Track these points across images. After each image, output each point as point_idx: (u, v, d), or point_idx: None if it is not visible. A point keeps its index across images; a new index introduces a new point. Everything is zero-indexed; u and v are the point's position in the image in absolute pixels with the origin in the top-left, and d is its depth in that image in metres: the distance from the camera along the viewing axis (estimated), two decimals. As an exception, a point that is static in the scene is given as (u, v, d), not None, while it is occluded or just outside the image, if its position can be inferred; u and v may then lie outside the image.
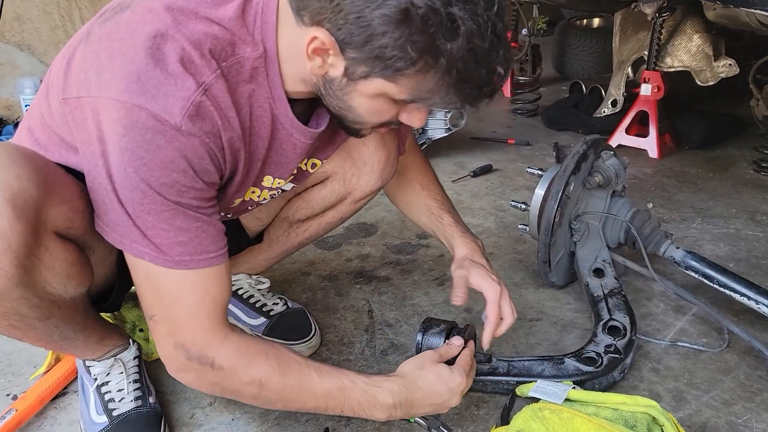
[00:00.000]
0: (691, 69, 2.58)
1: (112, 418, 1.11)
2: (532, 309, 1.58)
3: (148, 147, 0.84)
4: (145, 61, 0.84)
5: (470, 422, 1.20)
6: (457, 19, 0.78)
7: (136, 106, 0.83)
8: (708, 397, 1.24)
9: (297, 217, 1.40)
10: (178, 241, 0.90)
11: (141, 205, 0.87)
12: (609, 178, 1.52)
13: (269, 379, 0.99)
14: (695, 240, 1.90)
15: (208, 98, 0.87)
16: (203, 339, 0.96)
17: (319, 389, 1.01)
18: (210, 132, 0.88)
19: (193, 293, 0.94)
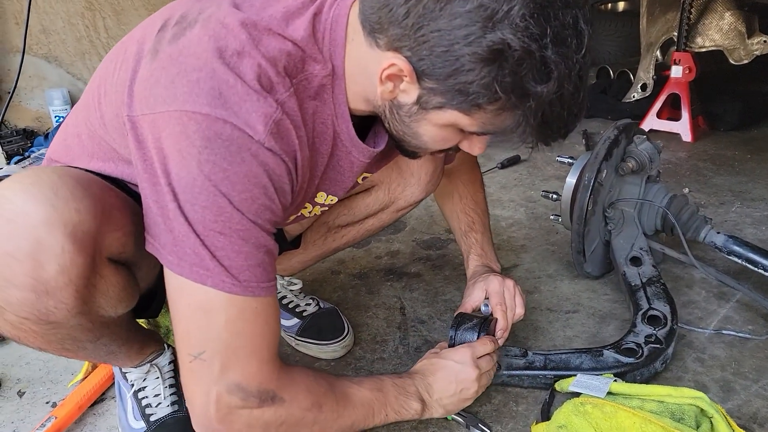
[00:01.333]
0: (724, 48, 2.50)
1: (149, 424, 1.12)
2: (568, 301, 1.54)
3: (232, 159, 0.80)
4: (225, 77, 0.81)
5: (509, 419, 1.17)
6: (550, 63, 0.76)
7: (220, 119, 0.80)
8: (757, 386, 1.20)
9: (337, 223, 1.39)
10: (248, 265, 0.84)
11: (215, 223, 0.81)
12: (643, 163, 1.47)
13: (325, 399, 0.96)
14: (735, 224, 1.83)
15: (287, 116, 0.85)
16: (263, 372, 0.88)
17: (362, 394, 1.01)
18: (288, 151, 0.86)
19: (256, 324, 0.86)
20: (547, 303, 1.54)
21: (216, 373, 0.85)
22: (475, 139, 0.95)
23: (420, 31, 0.78)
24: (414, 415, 1.08)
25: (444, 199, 1.44)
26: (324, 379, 1.00)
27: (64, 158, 1.02)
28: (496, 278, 1.25)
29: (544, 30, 0.75)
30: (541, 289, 1.60)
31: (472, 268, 1.34)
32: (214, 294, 0.83)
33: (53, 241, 0.78)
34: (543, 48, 0.75)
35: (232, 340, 0.85)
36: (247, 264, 0.84)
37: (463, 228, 1.39)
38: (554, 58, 0.76)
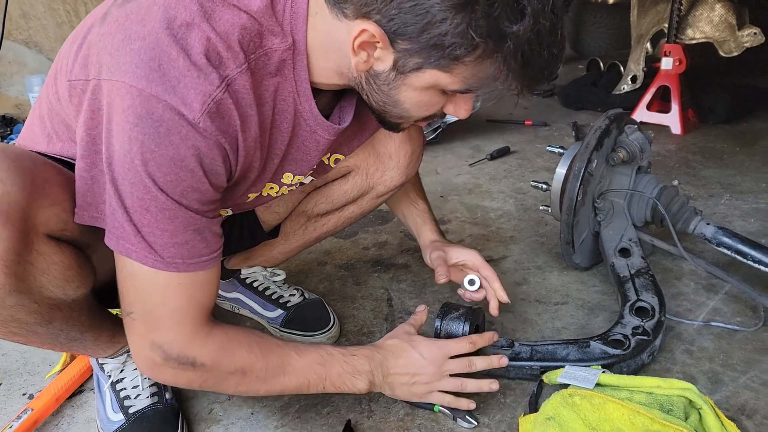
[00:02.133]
0: (714, 40, 2.49)
1: (128, 416, 1.09)
2: (557, 292, 1.52)
3: (160, 141, 0.79)
4: (168, 49, 0.79)
5: (497, 410, 1.15)
6: (522, 0, 0.74)
7: (153, 96, 0.78)
8: (745, 378, 1.19)
9: (316, 212, 1.36)
10: (173, 243, 0.85)
11: (141, 201, 0.82)
12: (633, 153, 1.46)
13: (252, 366, 0.98)
14: (724, 216, 1.83)
15: (230, 95, 0.82)
16: (184, 341, 0.92)
17: (300, 366, 1.01)
18: (227, 132, 0.84)
19: (179, 297, 0.89)
20: (535, 294, 1.52)
21: (142, 332, 0.91)
22: (459, 99, 0.93)
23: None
24: (356, 392, 1.07)
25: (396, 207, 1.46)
26: (259, 346, 0.99)
27: (28, 143, 1.00)
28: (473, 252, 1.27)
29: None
30: (530, 280, 1.59)
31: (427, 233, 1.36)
32: (139, 266, 0.86)
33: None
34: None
35: (156, 309, 0.89)
36: (173, 242, 0.85)
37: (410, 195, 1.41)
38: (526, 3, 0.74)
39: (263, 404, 1.21)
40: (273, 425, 1.16)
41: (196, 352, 0.93)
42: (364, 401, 1.20)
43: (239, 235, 1.36)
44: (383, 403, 1.19)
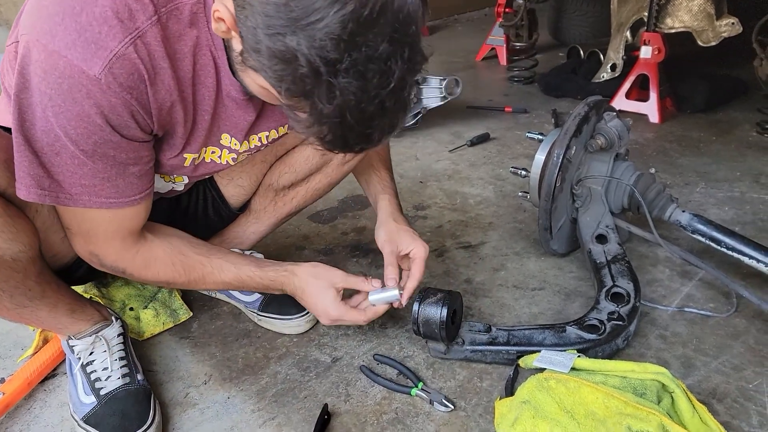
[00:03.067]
0: (693, 29, 2.51)
1: (100, 398, 1.08)
2: (534, 278, 1.53)
3: (65, 97, 0.82)
4: (72, 4, 0.80)
5: (473, 394, 1.16)
6: (335, 90, 0.73)
7: (55, 51, 0.80)
8: (717, 362, 1.21)
9: (281, 183, 1.34)
10: (81, 184, 0.90)
11: (51, 147, 0.86)
12: (612, 140, 1.46)
13: (175, 280, 1.12)
14: (699, 204, 1.85)
15: (136, 49, 0.82)
16: (116, 255, 1.03)
17: (220, 281, 1.15)
18: (132, 87, 0.85)
19: (105, 225, 0.98)
20: (513, 280, 1.53)
21: (81, 243, 1.02)
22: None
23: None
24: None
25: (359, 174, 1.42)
26: (182, 265, 1.11)
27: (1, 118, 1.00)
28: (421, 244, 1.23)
29: (341, 57, 0.70)
30: (508, 266, 1.59)
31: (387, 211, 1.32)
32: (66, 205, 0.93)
33: None
34: (332, 74, 0.71)
35: (88, 231, 0.99)
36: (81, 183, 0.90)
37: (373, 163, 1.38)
38: (343, 86, 0.72)
39: (240, 388, 1.21)
40: (249, 409, 1.15)
41: (125, 264, 1.05)
42: (341, 385, 1.20)
43: (204, 213, 1.35)
44: (360, 387, 1.20)
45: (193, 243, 1.15)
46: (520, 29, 3.42)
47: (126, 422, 1.04)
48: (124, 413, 1.05)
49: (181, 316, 1.40)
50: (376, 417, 1.12)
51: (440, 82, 2.55)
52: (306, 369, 1.25)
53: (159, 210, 1.28)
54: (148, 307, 1.38)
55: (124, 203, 0.96)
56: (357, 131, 0.78)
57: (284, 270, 1.18)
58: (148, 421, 1.06)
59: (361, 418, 1.12)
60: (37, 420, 1.15)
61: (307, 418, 1.12)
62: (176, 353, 1.31)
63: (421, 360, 1.25)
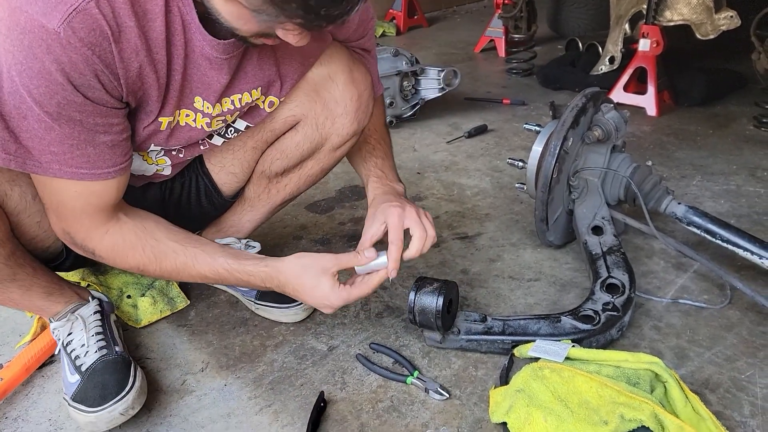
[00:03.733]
0: (691, 22, 2.51)
1: (82, 374, 1.09)
2: (530, 269, 1.54)
3: (26, 53, 0.81)
4: None
5: (468, 383, 1.17)
6: None
7: (17, 7, 0.80)
8: (710, 353, 1.22)
9: (274, 170, 1.34)
10: (50, 151, 0.89)
11: (18, 109, 0.84)
12: (609, 132, 1.47)
13: (146, 266, 1.08)
14: (695, 197, 1.86)
15: (98, 5, 0.82)
16: (85, 233, 1.02)
17: (196, 273, 1.11)
18: (94, 44, 0.83)
19: (74, 200, 0.97)
20: (509, 271, 1.54)
21: (54, 220, 1.02)
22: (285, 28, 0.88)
23: None
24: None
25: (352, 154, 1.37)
26: (153, 251, 1.08)
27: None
28: (395, 209, 1.13)
29: None
30: (504, 257, 1.60)
31: (372, 193, 1.24)
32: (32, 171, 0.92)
33: None
34: None
35: (60, 206, 0.99)
36: (50, 150, 0.89)
37: (363, 155, 1.32)
38: None
39: (237, 376, 1.21)
40: (246, 396, 1.16)
41: (94, 244, 1.04)
42: (337, 374, 1.21)
43: (197, 202, 1.35)
44: (356, 375, 1.20)
45: (170, 230, 1.11)
46: (519, 21, 3.41)
47: (105, 391, 1.05)
48: (103, 384, 1.06)
49: (179, 304, 1.41)
50: (372, 405, 1.13)
51: (438, 73, 2.55)
52: (302, 357, 1.26)
53: (151, 199, 1.28)
54: (145, 294, 1.39)
55: (96, 176, 0.94)
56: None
57: (265, 265, 1.13)
58: (127, 386, 1.06)
59: (356, 405, 1.13)
60: (35, 405, 1.16)
61: (304, 405, 1.13)
62: (173, 341, 1.32)
63: (417, 349, 1.26)
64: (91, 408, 1.04)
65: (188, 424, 1.11)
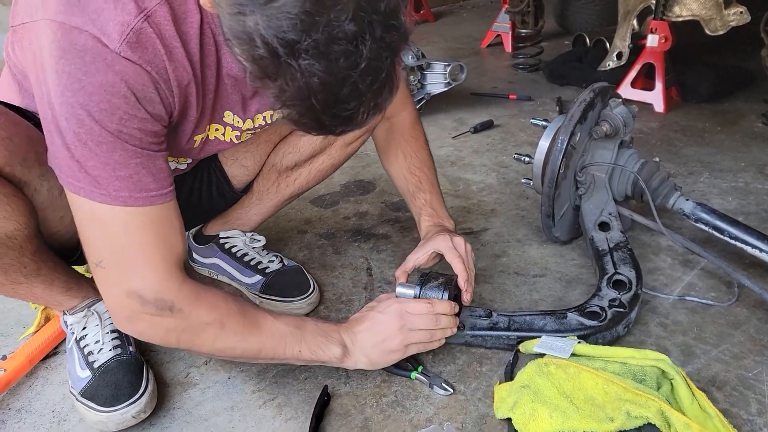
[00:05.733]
0: (700, 18, 2.49)
1: (94, 371, 1.08)
2: (536, 265, 1.53)
3: (86, 69, 0.80)
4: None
5: (473, 379, 1.16)
6: (296, 73, 0.69)
7: (74, 27, 0.79)
8: (717, 351, 1.21)
9: (285, 164, 1.34)
10: (116, 176, 0.85)
11: (78, 135, 0.82)
12: (617, 127, 1.45)
13: (230, 319, 0.98)
14: (703, 194, 1.84)
15: (150, 25, 0.82)
16: (159, 282, 0.92)
17: (276, 326, 1.02)
18: (152, 61, 0.84)
19: (144, 234, 0.90)
20: (514, 267, 1.53)
21: (115, 279, 0.91)
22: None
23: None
24: (333, 359, 1.07)
25: (389, 160, 1.37)
26: (236, 303, 1.01)
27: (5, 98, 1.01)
28: (443, 236, 1.20)
29: (299, 38, 0.66)
30: (510, 253, 1.59)
31: (424, 229, 1.29)
32: (94, 205, 0.86)
33: None
34: (291, 56, 0.67)
35: (125, 250, 0.90)
36: (116, 175, 0.85)
37: (411, 189, 1.33)
38: (304, 68, 0.68)
39: (240, 369, 1.21)
40: (250, 389, 1.16)
41: (173, 295, 0.92)
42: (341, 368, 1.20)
43: (208, 193, 1.34)
44: (360, 370, 1.20)
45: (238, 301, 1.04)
46: (526, 16, 3.40)
47: (118, 392, 1.05)
48: (116, 384, 1.06)
49: (183, 297, 1.41)
50: (376, 399, 1.13)
51: (444, 68, 2.54)
52: (306, 351, 1.25)
53: None
54: (149, 287, 1.38)
55: (162, 196, 0.91)
56: (330, 113, 0.75)
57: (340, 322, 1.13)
58: (141, 389, 1.07)
59: (360, 400, 1.13)
60: (38, 397, 1.16)
61: (307, 399, 1.13)
62: (177, 333, 1.32)
63: (422, 344, 1.26)
64: (103, 407, 1.04)
65: (192, 416, 1.10)
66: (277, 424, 1.08)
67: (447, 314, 1.13)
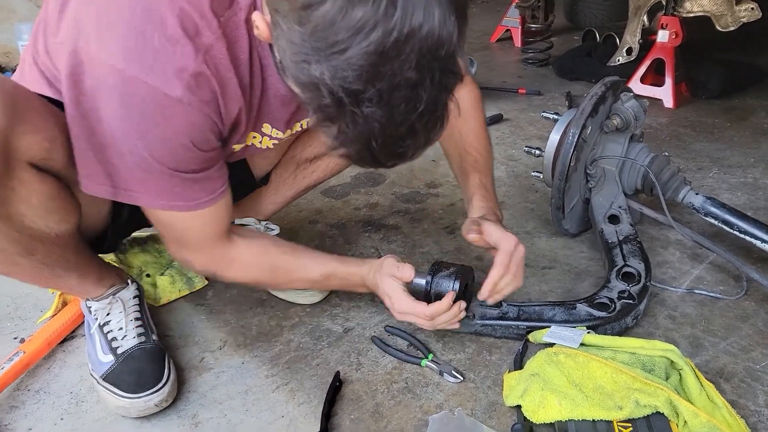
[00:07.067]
0: (711, 14, 2.48)
1: (117, 357, 1.10)
2: (545, 257, 1.55)
3: (148, 121, 0.84)
4: (143, 25, 0.81)
5: (482, 367, 1.18)
6: (359, 119, 0.71)
7: (134, 77, 0.81)
8: (725, 343, 1.22)
9: (305, 156, 1.35)
10: (173, 193, 0.94)
11: (139, 166, 0.89)
12: (628, 121, 1.46)
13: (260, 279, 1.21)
14: (712, 189, 1.85)
15: (208, 66, 0.84)
16: (203, 260, 1.11)
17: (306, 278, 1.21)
18: (209, 101, 0.87)
19: (193, 228, 1.03)
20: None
21: (174, 249, 1.10)
22: None
23: (276, 17, 0.72)
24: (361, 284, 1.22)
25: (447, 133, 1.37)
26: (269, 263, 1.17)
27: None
28: (512, 238, 1.17)
29: (364, 88, 0.68)
30: (519, 244, 1.60)
31: (477, 209, 1.26)
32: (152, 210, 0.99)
33: None
34: (355, 104, 0.69)
35: (179, 236, 1.06)
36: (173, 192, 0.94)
37: (465, 167, 1.31)
38: (367, 114, 0.70)
39: (254, 354, 1.23)
40: (263, 374, 1.18)
41: (214, 266, 1.13)
42: (353, 355, 1.22)
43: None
44: (372, 357, 1.22)
45: (277, 243, 1.20)
46: (536, 11, 3.39)
47: (143, 379, 1.07)
48: (140, 371, 1.08)
49: (197, 284, 1.43)
50: (387, 386, 1.14)
51: (455, 62, 2.54)
52: (318, 338, 1.27)
53: None
54: (164, 273, 1.40)
55: (214, 200, 1.00)
56: (386, 152, 0.76)
57: (364, 263, 1.21)
58: (164, 378, 1.09)
59: (372, 386, 1.14)
60: (56, 379, 1.18)
61: (320, 384, 1.15)
62: (192, 319, 1.34)
63: (432, 333, 1.27)
64: (127, 393, 1.06)
65: (206, 399, 1.12)
66: (290, 408, 1.10)
67: (442, 312, 1.13)
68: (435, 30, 0.67)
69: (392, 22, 0.64)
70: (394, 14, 0.64)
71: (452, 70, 0.73)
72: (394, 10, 0.64)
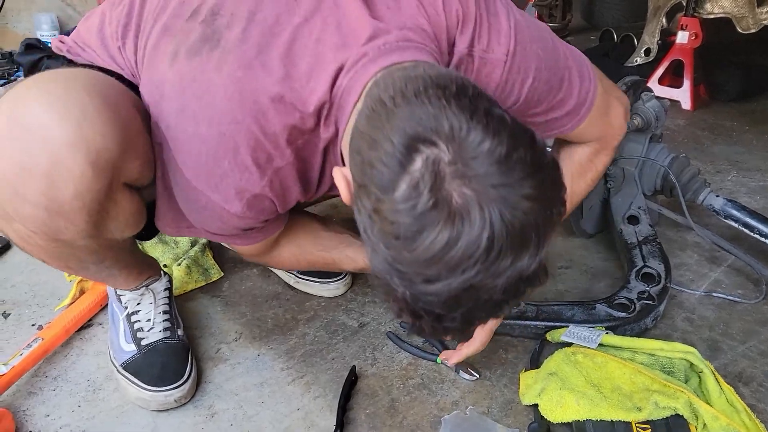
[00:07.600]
0: (732, 15, 2.46)
1: (140, 347, 1.11)
2: (561, 257, 1.54)
3: (205, 217, 0.93)
4: (216, 148, 0.83)
5: (498, 365, 1.18)
6: (421, 312, 0.69)
7: (198, 189, 0.87)
8: (744, 347, 1.21)
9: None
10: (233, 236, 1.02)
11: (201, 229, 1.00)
12: (649, 120, 1.45)
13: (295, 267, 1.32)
14: (730, 192, 1.83)
15: (271, 187, 0.88)
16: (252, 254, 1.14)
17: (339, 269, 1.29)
18: (266, 211, 0.94)
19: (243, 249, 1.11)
20: (540, 257, 1.53)
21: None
22: None
23: (363, 186, 0.71)
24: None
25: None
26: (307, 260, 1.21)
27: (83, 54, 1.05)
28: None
29: (444, 312, 0.68)
30: (535, 243, 1.59)
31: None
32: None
33: (73, 165, 0.76)
34: (436, 320, 0.70)
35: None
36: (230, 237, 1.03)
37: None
38: (446, 326, 0.71)
39: (269, 347, 1.23)
40: (279, 367, 1.18)
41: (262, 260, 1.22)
42: (368, 350, 1.22)
43: None
44: (387, 352, 1.21)
45: (316, 240, 1.21)
46: (553, 10, 3.38)
47: (165, 373, 1.07)
48: (163, 365, 1.08)
49: (213, 276, 1.43)
50: (402, 381, 1.14)
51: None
52: (334, 332, 1.27)
53: None
54: (180, 264, 1.41)
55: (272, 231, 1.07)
56: (429, 329, 0.75)
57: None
58: (185, 375, 1.09)
59: (387, 381, 1.14)
60: (74, 366, 1.18)
61: (335, 378, 1.14)
62: (208, 311, 1.34)
63: (448, 329, 1.27)
64: (148, 386, 1.06)
65: (222, 390, 1.13)
66: (305, 401, 1.10)
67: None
68: (526, 269, 0.65)
69: (490, 264, 0.63)
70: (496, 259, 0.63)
71: (534, 284, 0.69)
72: (497, 256, 0.62)
